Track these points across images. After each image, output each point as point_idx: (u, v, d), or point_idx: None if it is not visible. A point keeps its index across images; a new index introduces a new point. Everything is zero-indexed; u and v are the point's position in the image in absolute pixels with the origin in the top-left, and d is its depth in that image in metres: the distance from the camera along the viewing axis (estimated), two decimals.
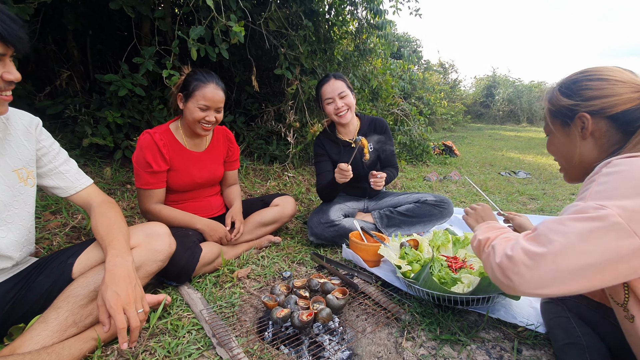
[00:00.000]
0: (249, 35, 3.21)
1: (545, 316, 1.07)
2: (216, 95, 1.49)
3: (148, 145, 1.47)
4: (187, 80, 1.50)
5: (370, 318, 1.22)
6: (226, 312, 1.22)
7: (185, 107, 1.50)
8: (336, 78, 1.91)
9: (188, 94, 1.48)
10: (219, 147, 1.75)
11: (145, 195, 1.50)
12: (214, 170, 1.70)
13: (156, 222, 1.25)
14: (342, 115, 1.90)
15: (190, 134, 1.61)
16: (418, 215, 1.91)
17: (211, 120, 1.51)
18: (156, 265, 1.18)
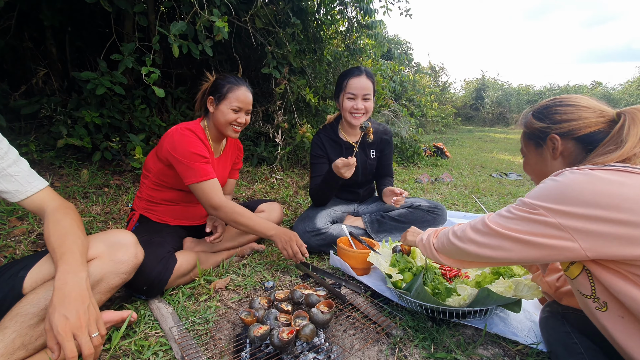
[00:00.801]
0: (235, 33, 3.10)
1: (544, 332, 0.99)
2: (248, 97, 1.50)
3: (195, 139, 1.40)
4: (219, 84, 1.48)
5: (359, 333, 1.12)
6: (199, 330, 1.10)
7: (217, 109, 1.47)
8: (368, 76, 1.78)
9: (221, 97, 1.46)
10: (231, 155, 1.73)
11: (210, 187, 1.38)
12: (223, 177, 1.67)
13: (121, 231, 1.12)
14: (357, 117, 1.80)
15: (215, 136, 1.57)
16: (410, 221, 1.82)
17: (242, 122, 1.50)
18: (119, 278, 1.06)
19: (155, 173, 1.46)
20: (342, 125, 1.94)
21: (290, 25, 3.17)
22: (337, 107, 1.91)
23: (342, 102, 1.80)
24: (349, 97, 1.77)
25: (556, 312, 0.97)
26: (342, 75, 1.82)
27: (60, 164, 2.82)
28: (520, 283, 1.06)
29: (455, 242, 0.88)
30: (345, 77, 1.79)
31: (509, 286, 1.02)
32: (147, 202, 1.50)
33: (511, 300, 1.01)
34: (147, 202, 1.50)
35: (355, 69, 1.79)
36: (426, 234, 1.05)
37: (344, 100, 1.78)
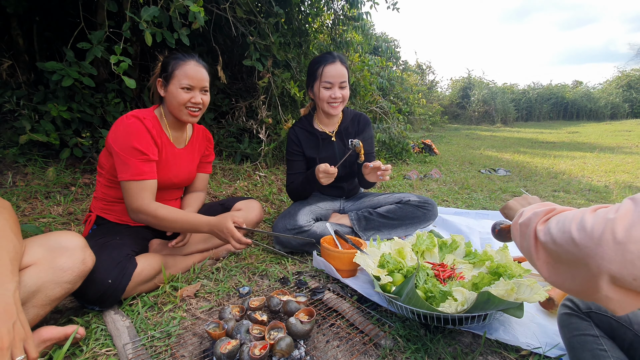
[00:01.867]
0: (214, 22, 2.94)
1: (565, 331, 0.86)
2: (199, 73, 1.32)
3: (139, 130, 1.23)
4: (165, 62, 1.32)
5: (344, 345, 0.99)
6: (159, 346, 0.95)
7: (167, 91, 1.31)
8: (342, 62, 1.66)
9: (168, 76, 1.29)
10: (198, 146, 1.55)
11: (138, 188, 1.21)
12: (190, 171, 1.49)
13: (66, 232, 0.97)
14: (335, 107, 1.68)
15: (174, 124, 1.40)
16: (400, 217, 1.70)
17: (198, 102, 1.33)
18: (61, 288, 0.90)
19: (108, 169, 1.29)
20: (317, 115, 1.82)
21: (273, 15, 3.02)
22: (311, 97, 1.78)
23: (318, 91, 1.67)
24: (325, 87, 1.65)
25: (577, 308, 0.84)
26: (315, 62, 1.69)
27: (25, 162, 2.61)
28: (522, 284, 0.95)
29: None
30: (318, 64, 1.66)
31: (511, 288, 0.90)
32: (103, 202, 1.33)
33: (514, 304, 0.89)
34: (103, 202, 1.33)
35: (328, 56, 1.66)
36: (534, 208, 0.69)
37: (320, 89, 1.66)
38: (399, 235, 1.69)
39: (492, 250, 1.26)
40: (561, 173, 3.78)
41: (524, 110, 17.35)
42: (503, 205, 1.00)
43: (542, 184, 3.20)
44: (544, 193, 2.83)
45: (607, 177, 3.52)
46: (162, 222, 1.22)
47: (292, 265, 1.50)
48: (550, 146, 6.94)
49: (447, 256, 1.33)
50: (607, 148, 6.29)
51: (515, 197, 0.98)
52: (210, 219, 1.25)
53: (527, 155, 5.45)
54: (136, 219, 1.24)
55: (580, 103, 17.70)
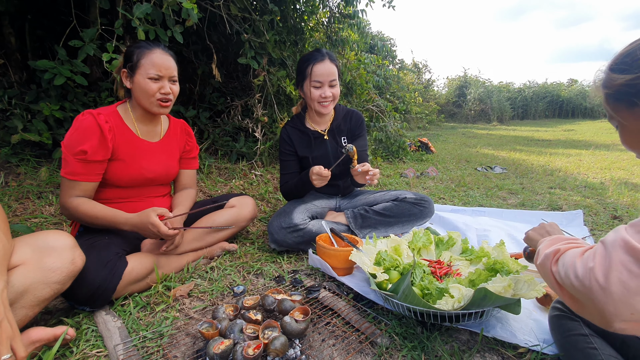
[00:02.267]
0: (208, 19, 2.91)
1: (556, 333, 0.86)
2: (166, 61, 1.27)
3: (88, 128, 1.19)
4: (129, 52, 1.26)
5: (340, 343, 0.97)
6: (150, 347, 0.93)
7: (134, 83, 1.26)
8: (331, 60, 1.64)
9: (133, 66, 1.24)
10: (176, 140, 1.50)
11: (68, 186, 1.20)
12: (168, 165, 1.44)
13: (54, 232, 0.94)
14: (325, 106, 1.66)
15: (143, 118, 1.35)
16: (396, 215, 1.69)
17: (168, 92, 1.28)
18: (50, 288, 0.88)
19: None
20: (309, 114, 1.81)
21: (268, 12, 3.00)
22: (301, 96, 1.76)
23: (308, 91, 1.65)
24: (315, 86, 1.63)
25: (567, 310, 0.84)
26: (303, 60, 1.67)
27: (17, 161, 2.57)
28: (519, 280, 0.94)
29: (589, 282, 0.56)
30: (307, 62, 1.64)
31: (508, 284, 0.89)
32: None
33: (511, 300, 0.88)
34: None
35: (317, 53, 1.64)
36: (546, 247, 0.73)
37: (310, 88, 1.64)
38: (395, 232, 1.68)
39: (488, 246, 1.25)
40: (557, 170, 3.79)
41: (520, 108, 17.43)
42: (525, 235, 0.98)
43: (538, 181, 3.20)
44: (540, 190, 2.83)
45: (603, 174, 3.53)
46: (83, 218, 1.19)
47: (288, 263, 1.48)
48: (546, 144, 6.97)
49: (444, 253, 1.32)
50: (602, 145, 6.32)
51: (534, 227, 0.97)
52: (131, 217, 1.19)
53: (523, 153, 5.46)
54: (64, 214, 1.22)
55: (575, 101, 17.81)
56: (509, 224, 1.91)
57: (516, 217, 2.04)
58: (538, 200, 2.53)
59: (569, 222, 1.92)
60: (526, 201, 2.51)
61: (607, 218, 2.08)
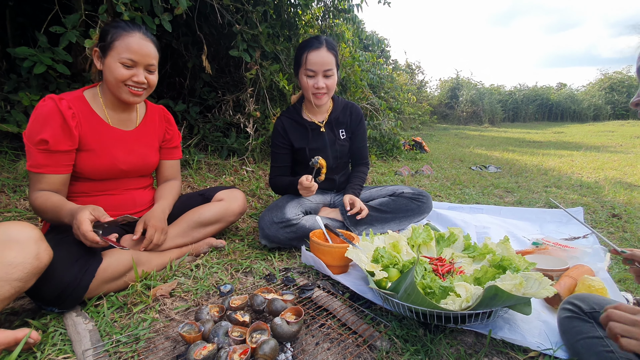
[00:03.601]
0: (199, 9, 2.80)
1: (567, 336, 0.80)
2: (144, 47, 1.14)
3: (48, 114, 1.07)
4: (105, 30, 1.13)
5: (335, 347, 0.89)
6: (124, 352, 0.84)
7: (104, 64, 1.13)
8: (329, 48, 1.54)
9: (105, 47, 1.11)
10: (154, 128, 1.37)
11: (34, 180, 1.10)
12: (145, 156, 1.31)
13: (17, 223, 0.84)
14: (319, 97, 1.57)
15: (113, 104, 1.22)
16: (393, 210, 1.62)
17: (141, 81, 1.15)
18: (11, 286, 0.78)
19: None
20: (305, 104, 1.72)
21: (261, 3, 2.91)
22: (298, 85, 1.68)
23: (301, 79, 1.57)
24: (308, 74, 1.54)
25: (580, 311, 0.78)
26: (300, 47, 1.57)
27: None
28: (530, 278, 0.87)
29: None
30: (303, 50, 1.54)
31: (520, 282, 0.82)
32: None
33: (522, 300, 0.81)
34: None
35: (314, 40, 1.54)
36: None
37: (303, 77, 1.56)
38: (392, 229, 1.61)
39: (492, 243, 1.18)
40: (551, 170, 3.78)
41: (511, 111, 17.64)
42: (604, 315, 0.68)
43: (533, 180, 3.17)
44: (535, 189, 2.80)
45: (597, 173, 3.53)
46: (39, 212, 1.09)
47: (279, 261, 1.39)
48: (538, 145, 7.02)
49: (445, 250, 1.25)
50: (592, 147, 6.38)
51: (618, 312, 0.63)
52: (74, 208, 1.03)
53: (516, 153, 5.47)
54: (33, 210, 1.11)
55: (564, 104, 18.09)
56: (508, 221, 1.85)
57: (515, 214, 1.99)
58: (535, 198, 2.49)
59: (569, 220, 1.87)
60: (523, 199, 2.46)
61: (606, 216, 2.04)
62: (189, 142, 3.22)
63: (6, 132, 2.40)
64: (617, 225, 1.88)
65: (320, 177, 1.59)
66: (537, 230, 1.79)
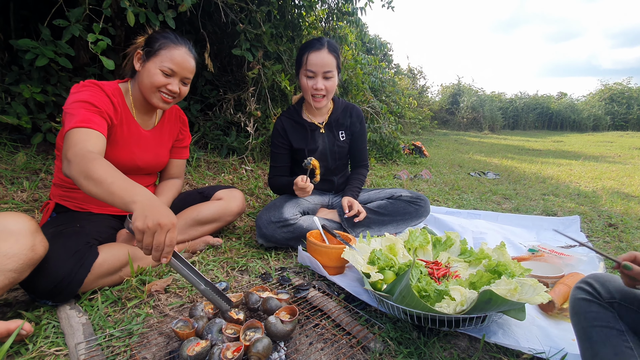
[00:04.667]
0: (203, 7, 2.81)
1: (580, 319, 0.73)
2: (187, 62, 1.21)
3: (93, 89, 1.09)
4: (153, 37, 1.18)
5: (329, 347, 0.89)
6: (117, 346, 0.83)
7: (144, 67, 1.17)
8: (330, 50, 1.54)
9: (151, 52, 1.16)
10: (170, 129, 1.40)
11: (81, 135, 0.96)
12: (159, 155, 1.35)
13: (13, 214, 0.84)
14: (318, 100, 1.58)
15: (141, 105, 1.26)
16: (391, 213, 1.62)
17: (174, 91, 1.20)
18: (5, 277, 0.78)
19: None
20: (305, 105, 1.73)
21: (265, 3, 2.92)
22: (298, 85, 1.69)
23: (301, 79, 1.58)
24: (308, 75, 1.55)
25: (599, 295, 0.72)
26: (302, 48, 1.58)
27: None
28: (524, 284, 0.87)
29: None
30: (304, 50, 1.55)
31: (515, 288, 0.83)
32: (62, 189, 1.19)
33: (516, 305, 0.81)
34: (62, 189, 1.19)
35: (315, 42, 1.55)
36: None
37: (302, 77, 1.56)
38: (389, 232, 1.61)
39: (488, 248, 1.19)
40: (549, 178, 3.79)
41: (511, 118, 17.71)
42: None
43: (531, 188, 3.18)
44: (533, 196, 2.81)
45: (594, 183, 3.54)
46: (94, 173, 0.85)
47: (275, 260, 1.39)
48: (537, 153, 7.04)
49: (441, 254, 1.25)
50: (591, 157, 6.40)
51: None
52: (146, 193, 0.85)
53: (515, 160, 5.48)
54: (67, 172, 0.91)
55: (564, 114, 18.17)
56: (505, 228, 1.86)
57: (512, 221, 2.00)
58: (532, 205, 2.49)
59: (565, 228, 1.88)
60: (520, 206, 2.47)
61: (602, 225, 2.05)
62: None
63: (6, 123, 2.40)
64: (613, 235, 1.88)
65: (316, 178, 1.58)
66: (533, 237, 1.80)
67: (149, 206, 0.80)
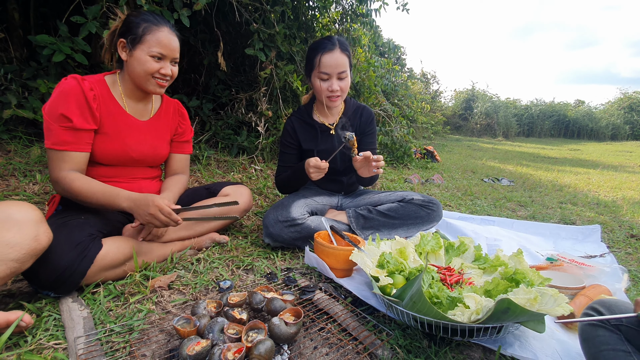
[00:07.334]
0: (217, 6, 2.82)
1: (589, 345, 0.74)
2: (173, 42, 1.19)
3: (70, 92, 1.08)
4: (132, 22, 1.14)
5: (334, 353, 0.85)
6: (117, 342, 0.81)
7: (132, 56, 1.14)
8: (342, 49, 1.50)
9: (135, 39, 1.13)
10: (167, 121, 1.38)
11: (57, 158, 1.08)
12: (156, 147, 1.32)
13: (18, 203, 0.83)
14: (333, 100, 1.54)
15: (133, 94, 1.24)
16: (401, 217, 1.57)
17: (167, 74, 1.19)
18: (7, 266, 0.77)
19: None
20: (316, 105, 1.69)
21: (280, 3, 2.92)
22: (310, 86, 1.65)
23: (314, 82, 1.54)
24: (322, 78, 1.51)
25: (608, 322, 0.72)
26: (313, 49, 1.54)
27: (9, 139, 2.47)
28: (545, 294, 0.82)
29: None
30: (316, 51, 1.51)
31: (534, 297, 0.77)
32: None
33: (536, 316, 0.76)
34: None
35: (327, 42, 1.50)
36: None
37: (316, 80, 1.53)
38: (400, 236, 1.56)
39: (504, 255, 1.13)
40: (566, 186, 3.67)
41: (526, 125, 17.36)
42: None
43: (547, 196, 3.08)
44: (550, 204, 2.71)
45: (614, 192, 3.41)
46: (78, 195, 1.07)
47: (282, 260, 1.36)
48: (553, 161, 6.86)
49: (454, 259, 1.20)
50: (609, 166, 6.20)
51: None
52: (133, 194, 1.10)
53: (530, 168, 5.34)
54: (57, 190, 1.11)
55: (581, 122, 17.73)
56: (521, 235, 1.78)
57: (528, 228, 1.92)
58: (549, 214, 2.41)
59: (585, 238, 1.79)
60: (537, 214, 2.38)
61: (623, 236, 1.95)
62: (200, 138, 3.23)
63: (22, 117, 2.44)
64: (635, 246, 1.79)
65: (354, 150, 1.47)
66: (551, 246, 1.72)
67: (134, 205, 1.08)
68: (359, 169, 1.49)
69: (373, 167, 1.41)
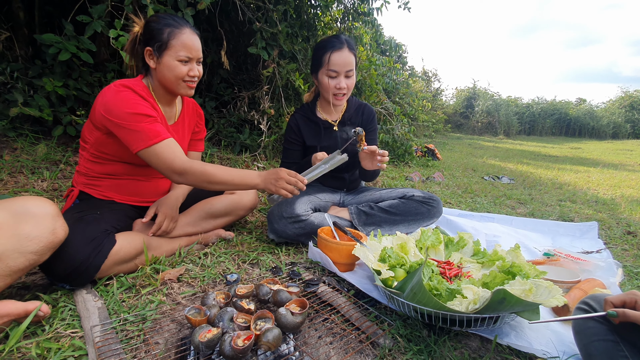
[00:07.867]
0: (220, 6, 2.85)
1: (581, 337, 0.78)
2: (196, 43, 1.20)
3: (135, 98, 1.11)
4: (154, 29, 1.15)
5: (338, 342, 0.89)
6: (131, 330, 0.85)
7: (160, 64, 1.16)
8: (350, 48, 1.54)
9: (162, 46, 1.14)
10: (189, 122, 1.42)
11: (166, 149, 1.09)
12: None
13: (35, 197, 0.87)
14: (339, 98, 1.59)
15: (164, 99, 1.27)
16: (402, 213, 1.61)
17: (196, 74, 1.22)
18: (25, 258, 0.80)
19: (93, 143, 1.17)
20: (320, 103, 1.73)
21: (282, 3, 2.94)
22: (315, 83, 1.69)
23: (322, 79, 1.58)
24: (330, 76, 1.55)
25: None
26: (320, 47, 1.57)
27: (15, 136, 2.51)
28: (539, 286, 0.86)
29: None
30: (324, 50, 1.54)
31: (529, 289, 0.81)
32: (86, 177, 1.22)
33: (530, 306, 0.80)
34: (86, 177, 1.22)
35: (335, 41, 1.54)
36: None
37: (324, 77, 1.56)
38: (401, 232, 1.59)
39: (502, 250, 1.17)
40: (566, 184, 3.70)
41: (527, 124, 17.34)
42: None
43: (547, 193, 3.11)
44: (549, 202, 2.74)
45: (613, 190, 3.44)
46: (214, 176, 1.14)
47: (286, 255, 1.40)
48: (554, 159, 6.88)
49: (454, 254, 1.24)
50: (610, 165, 6.22)
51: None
52: (261, 172, 1.24)
53: (530, 166, 5.37)
54: (182, 181, 1.14)
55: (583, 120, 17.70)
56: (520, 232, 1.82)
57: (527, 225, 1.96)
58: (548, 211, 2.44)
59: (582, 234, 1.83)
60: (536, 211, 2.42)
61: (621, 233, 1.99)
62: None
63: (28, 115, 2.48)
64: (631, 243, 1.83)
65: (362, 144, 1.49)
66: (549, 242, 1.76)
67: (265, 179, 1.23)
68: (363, 160, 1.53)
69: (377, 162, 1.45)
